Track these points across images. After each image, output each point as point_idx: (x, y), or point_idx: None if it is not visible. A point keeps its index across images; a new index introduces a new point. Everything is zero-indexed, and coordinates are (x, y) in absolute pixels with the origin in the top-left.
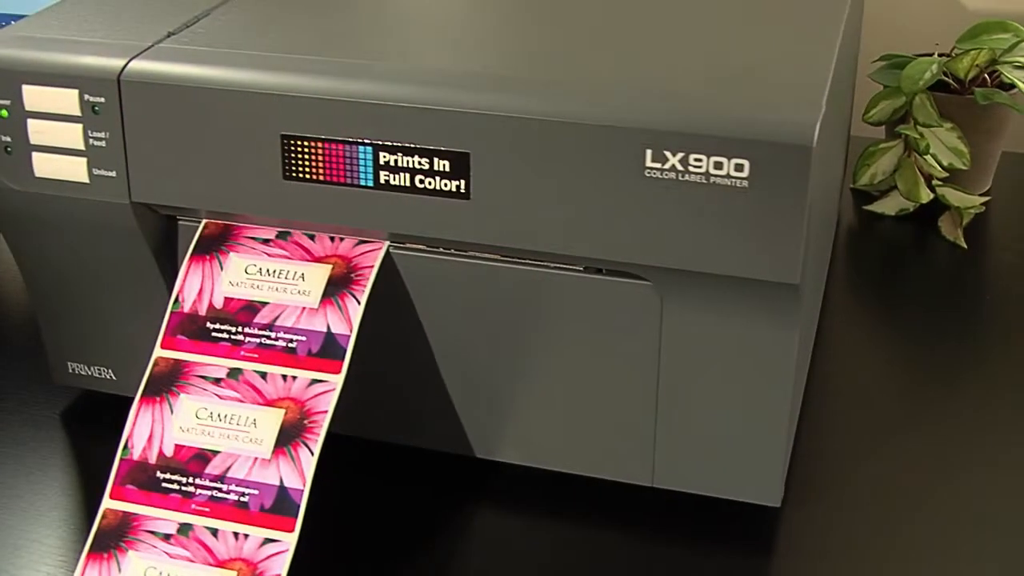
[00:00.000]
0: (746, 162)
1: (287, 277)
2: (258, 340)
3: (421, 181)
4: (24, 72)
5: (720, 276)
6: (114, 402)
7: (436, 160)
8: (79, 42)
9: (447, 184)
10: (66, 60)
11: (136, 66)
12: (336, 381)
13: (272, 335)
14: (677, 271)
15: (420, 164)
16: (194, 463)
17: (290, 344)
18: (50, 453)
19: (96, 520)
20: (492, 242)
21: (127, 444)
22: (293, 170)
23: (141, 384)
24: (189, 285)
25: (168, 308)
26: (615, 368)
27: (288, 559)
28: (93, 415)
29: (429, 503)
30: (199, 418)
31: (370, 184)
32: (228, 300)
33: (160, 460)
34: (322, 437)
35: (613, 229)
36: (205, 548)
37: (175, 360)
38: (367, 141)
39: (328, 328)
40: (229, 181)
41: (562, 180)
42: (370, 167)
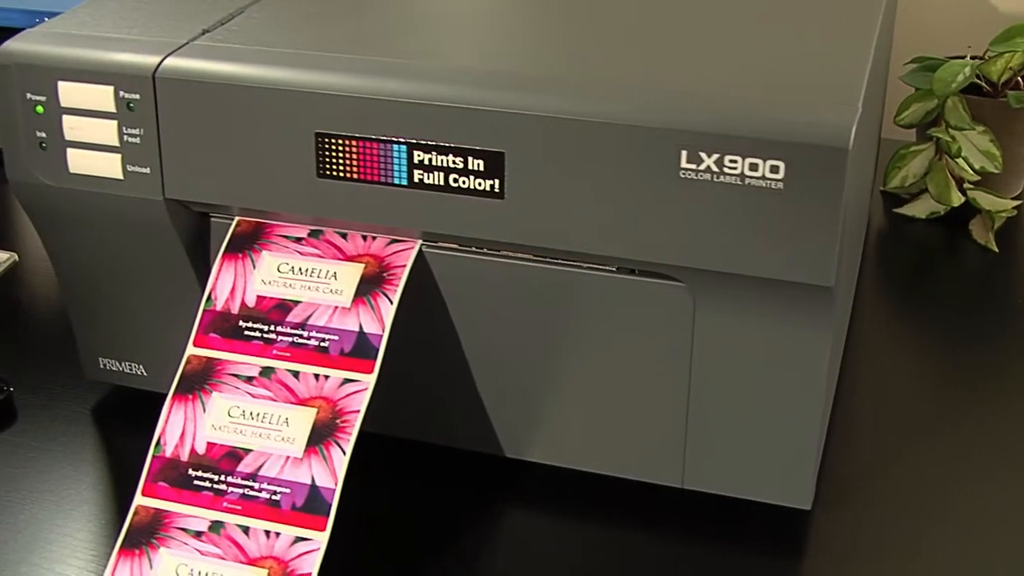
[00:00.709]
0: (782, 164)
1: (319, 276)
2: (290, 339)
3: (455, 180)
4: (59, 69)
5: (754, 278)
6: (145, 398)
7: (470, 159)
8: (114, 39)
9: (481, 183)
10: (101, 57)
11: (171, 63)
12: (368, 381)
13: (304, 334)
14: (710, 272)
15: (454, 163)
16: (226, 461)
17: (322, 343)
18: (80, 448)
19: (128, 517)
20: (525, 242)
21: (159, 441)
22: (327, 168)
23: (173, 382)
24: (222, 283)
25: (200, 306)
26: (646, 369)
27: (319, 558)
28: (123, 410)
29: (458, 502)
30: (231, 416)
31: (404, 183)
32: (261, 299)
33: (192, 458)
34: (354, 436)
35: (647, 230)
36: (236, 546)
37: (208, 358)
38: (401, 140)
39: (360, 328)
40: (263, 179)
41: (596, 180)
42: (404, 166)
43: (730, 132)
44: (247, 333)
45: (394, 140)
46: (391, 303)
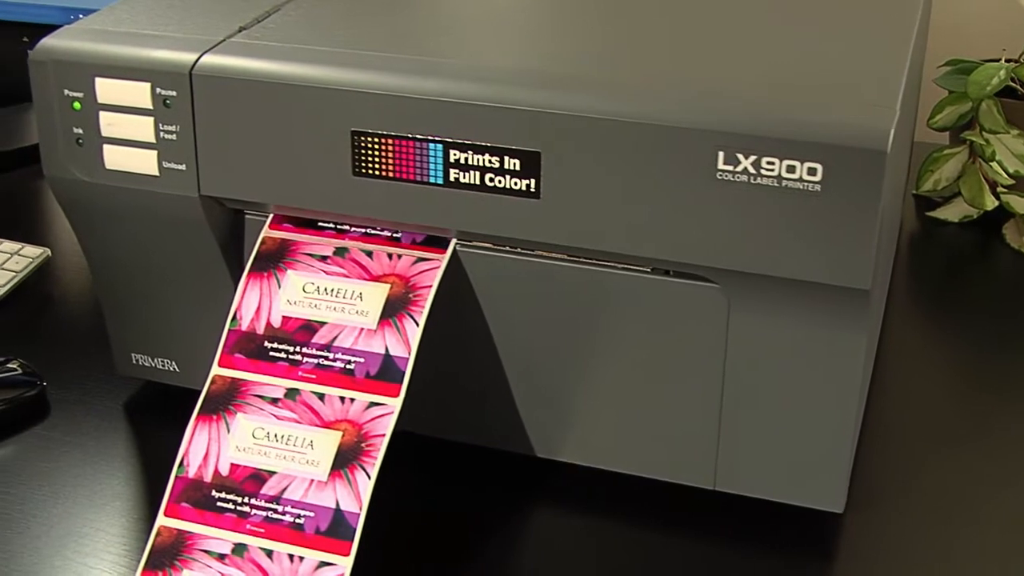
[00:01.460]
0: (819, 166)
1: (345, 296)
2: (316, 361)
3: (491, 179)
4: (97, 65)
5: (789, 280)
6: (176, 394)
7: (507, 159)
8: (151, 36)
9: (517, 183)
10: (139, 54)
11: (208, 60)
12: (394, 405)
13: (330, 356)
14: (746, 274)
15: (490, 162)
16: (250, 483)
17: (348, 366)
18: (112, 443)
19: (150, 537)
20: (561, 242)
21: (183, 461)
22: (363, 166)
23: (198, 402)
24: (247, 303)
25: (226, 326)
26: (679, 370)
27: None
28: (156, 406)
29: (489, 502)
30: (256, 438)
31: (440, 182)
32: (286, 319)
33: (215, 479)
34: (379, 461)
35: (683, 231)
36: (260, 569)
37: (232, 379)
38: (438, 138)
39: (386, 350)
40: (298, 176)
41: (633, 181)
42: (440, 164)
43: (768, 134)
44: (272, 354)
45: (430, 139)
46: (417, 325)
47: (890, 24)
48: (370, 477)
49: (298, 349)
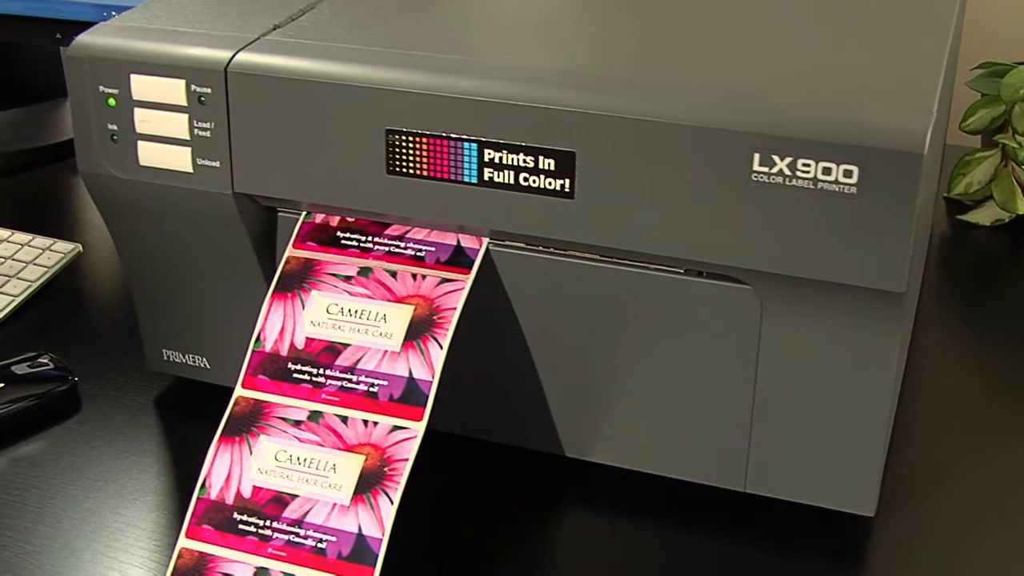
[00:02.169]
0: (855, 168)
1: (369, 318)
2: (339, 383)
3: (525, 179)
4: (132, 62)
5: (823, 282)
6: (207, 390)
7: (541, 159)
8: (186, 33)
9: (551, 183)
10: (174, 51)
11: (243, 58)
12: (418, 429)
13: (353, 378)
14: (779, 276)
15: (525, 162)
16: (272, 506)
17: (371, 388)
18: (143, 438)
19: (172, 560)
20: (595, 242)
21: (204, 483)
22: (397, 165)
23: (220, 423)
24: (271, 324)
25: (249, 347)
26: (711, 372)
27: None
28: (186, 402)
29: (518, 501)
30: (278, 460)
31: (474, 181)
32: (310, 340)
33: (237, 501)
34: (402, 486)
35: (717, 232)
36: None
37: (255, 400)
38: (473, 138)
39: (410, 373)
40: (332, 174)
41: (668, 182)
42: (475, 164)
43: (804, 135)
44: (296, 376)
45: (465, 138)
46: (441, 348)
47: (926, 26)
48: (393, 502)
49: (321, 371)
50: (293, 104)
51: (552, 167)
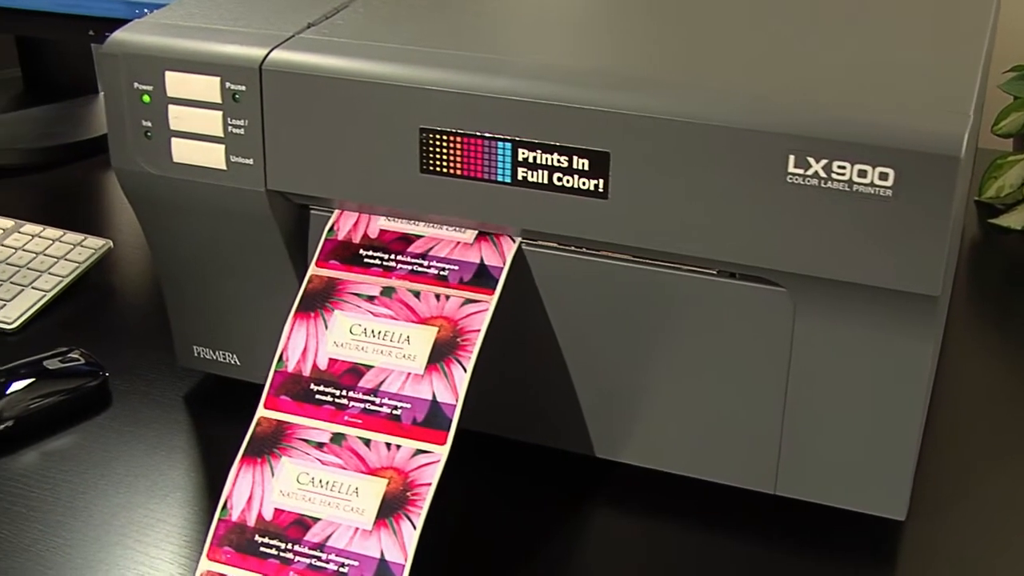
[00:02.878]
0: (891, 171)
1: (392, 339)
2: (362, 405)
3: (559, 179)
4: (167, 59)
5: (857, 285)
6: (237, 387)
7: (575, 158)
8: (221, 30)
9: (585, 183)
10: (209, 48)
11: (277, 56)
12: (441, 453)
13: (376, 401)
14: (813, 278)
15: (559, 162)
16: (293, 529)
17: (394, 411)
18: (173, 434)
19: None
20: (628, 243)
21: (226, 504)
22: (430, 163)
23: (243, 444)
24: (294, 343)
25: (272, 367)
26: (743, 374)
27: None
28: (216, 399)
29: (548, 501)
30: (300, 483)
31: (507, 180)
32: (333, 361)
33: (259, 523)
34: (425, 511)
35: (751, 234)
36: None
37: (278, 421)
38: (507, 137)
39: (434, 397)
40: (365, 172)
41: (702, 183)
42: (508, 163)
43: (839, 138)
44: (318, 397)
45: (499, 137)
46: (465, 371)
47: (962, 28)
48: (416, 528)
49: (344, 393)
50: (327, 102)
51: (586, 167)
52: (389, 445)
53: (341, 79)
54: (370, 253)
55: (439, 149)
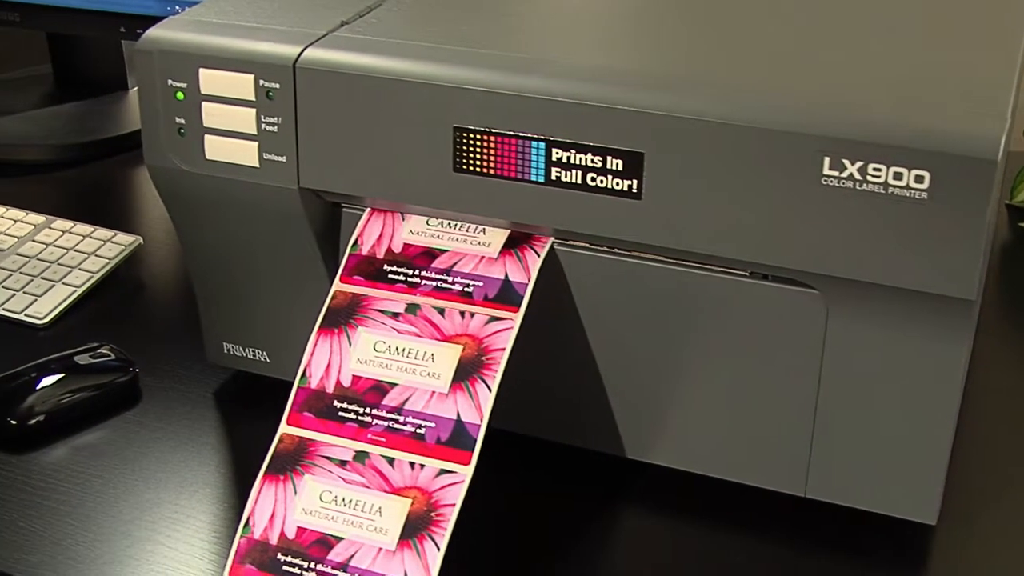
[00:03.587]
0: (927, 174)
1: (417, 357)
2: (386, 423)
3: (593, 179)
4: (201, 56)
5: (891, 288)
6: (266, 383)
7: (609, 159)
8: (255, 28)
9: (619, 183)
10: (243, 46)
11: (311, 54)
12: (465, 473)
13: (400, 419)
14: (847, 281)
15: (593, 162)
16: (316, 548)
17: (418, 430)
18: (203, 431)
19: None
20: (661, 243)
21: (248, 521)
22: (464, 163)
23: (265, 461)
24: (317, 360)
25: (295, 383)
26: (774, 375)
27: None
28: (246, 395)
29: (578, 502)
30: (323, 501)
31: (541, 180)
32: (356, 379)
33: (281, 542)
34: (449, 532)
35: (785, 235)
36: None
37: (300, 438)
38: (541, 137)
39: (458, 416)
40: (398, 171)
41: (736, 184)
42: (542, 163)
43: (875, 140)
44: (341, 414)
45: (533, 137)
46: (490, 391)
47: (999, 30)
48: (439, 549)
49: (368, 410)
50: (361, 100)
51: (620, 167)
52: (413, 464)
53: (375, 77)
54: (394, 269)
55: (473, 148)
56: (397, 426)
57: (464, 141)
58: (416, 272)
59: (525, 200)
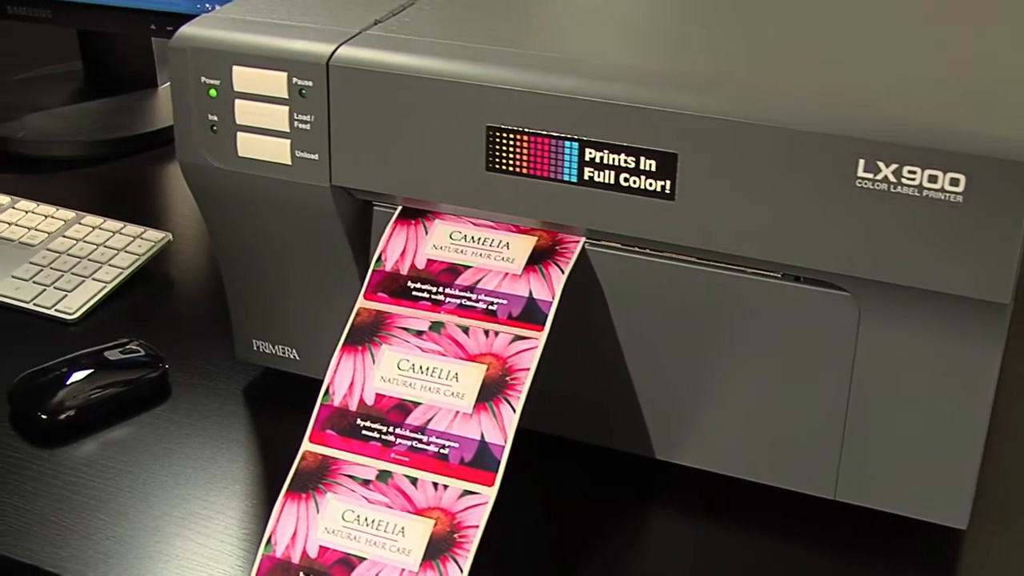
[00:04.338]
0: (962, 177)
1: (441, 376)
2: (409, 443)
3: (626, 180)
4: (235, 54)
5: (924, 291)
6: (296, 381)
7: (643, 159)
8: (288, 26)
9: (652, 184)
10: (277, 44)
11: (345, 52)
12: (489, 494)
13: (424, 439)
14: (880, 283)
15: (626, 162)
16: (338, 568)
17: (442, 450)
18: (232, 427)
19: None
20: (694, 244)
21: (270, 540)
22: (497, 162)
23: (287, 478)
24: (340, 377)
25: (318, 400)
26: (805, 377)
27: None
28: (275, 392)
29: (606, 501)
30: (346, 520)
31: (574, 180)
32: (380, 397)
33: (304, 561)
34: (472, 553)
35: (818, 238)
36: None
37: (323, 456)
38: (574, 137)
39: (482, 437)
40: (430, 169)
41: (770, 185)
42: (575, 163)
43: (910, 142)
44: (364, 433)
45: (566, 137)
46: (514, 411)
47: None
48: (462, 570)
49: (391, 429)
50: (393, 99)
51: (653, 168)
52: (436, 485)
53: (408, 76)
54: (418, 286)
55: (506, 147)
56: (421, 446)
57: (497, 140)
58: (440, 289)
59: (557, 200)
